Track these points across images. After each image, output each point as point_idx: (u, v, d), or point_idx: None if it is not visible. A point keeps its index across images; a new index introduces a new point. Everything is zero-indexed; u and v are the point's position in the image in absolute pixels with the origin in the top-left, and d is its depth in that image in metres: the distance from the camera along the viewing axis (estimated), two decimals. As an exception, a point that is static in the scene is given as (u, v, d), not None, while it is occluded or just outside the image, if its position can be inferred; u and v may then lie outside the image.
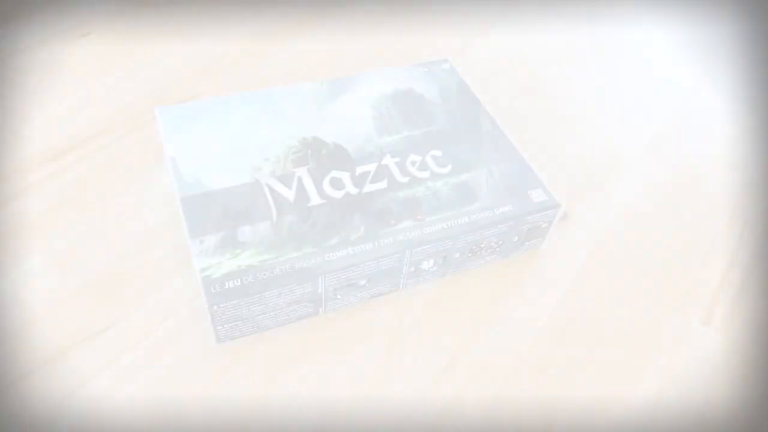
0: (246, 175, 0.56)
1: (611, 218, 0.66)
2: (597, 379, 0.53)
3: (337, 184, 0.56)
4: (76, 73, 0.74)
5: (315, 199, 0.55)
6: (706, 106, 0.81)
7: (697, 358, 0.56)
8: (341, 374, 0.51)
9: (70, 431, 0.46)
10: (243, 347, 0.52)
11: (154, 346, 0.51)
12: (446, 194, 0.56)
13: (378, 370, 0.52)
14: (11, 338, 0.51)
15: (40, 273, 0.55)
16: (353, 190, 0.56)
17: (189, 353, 0.51)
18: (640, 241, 0.64)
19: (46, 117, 0.68)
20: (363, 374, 0.52)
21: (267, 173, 0.56)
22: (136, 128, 0.69)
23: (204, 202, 0.54)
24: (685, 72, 0.86)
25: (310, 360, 0.52)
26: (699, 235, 0.66)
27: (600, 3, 0.97)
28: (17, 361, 0.49)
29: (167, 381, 0.50)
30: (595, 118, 0.78)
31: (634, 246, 0.64)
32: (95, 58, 0.76)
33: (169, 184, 0.63)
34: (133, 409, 0.48)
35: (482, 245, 0.57)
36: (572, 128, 0.76)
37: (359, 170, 0.57)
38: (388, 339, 0.54)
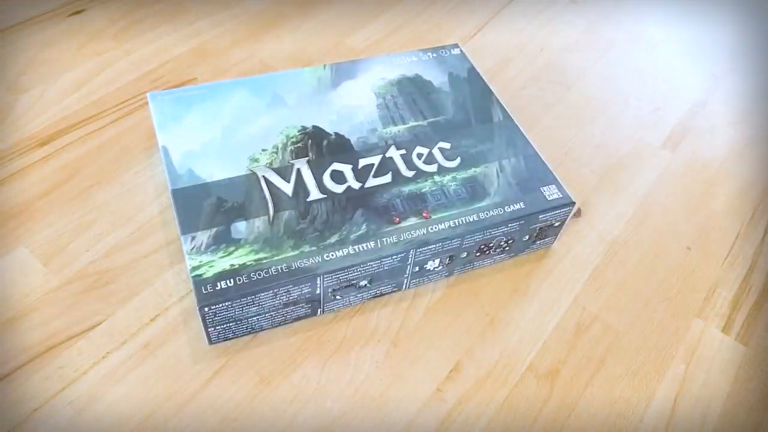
0: (242, 166, 0.53)
1: (626, 216, 0.63)
2: (610, 386, 0.51)
3: (338, 177, 0.53)
4: (67, 53, 0.70)
5: (314, 194, 0.51)
6: (728, 102, 0.77)
7: (715, 367, 0.53)
8: (340, 379, 0.49)
9: (52, 437, 0.44)
10: (236, 349, 0.50)
11: (143, 347, 0.49)
12: (454, 190, 0.53)
13: (379, 375, 0.49)
14: (-8, 336, 0.48)
15: (25, 266, 0.52)
16: (355, 185, 0.52)
17: (179, 355, 0.49)
18: (656, 241, 0.61)
19: (34, 100, 0.65)
20: (363, 379, 0.49)
21: (264, 165, 0.53)
22: (129, 113, 0.65)
23: (196, 195, 0.50)
24: (706, 67, 0.82)
25: (307, 364, 0.49)
26: (719, 236, 0.62)
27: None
28: (-2, 361, 0.47)
29: (155, 384, 0.47)
30: (611, 109, 0.74)
31: (650, 246, 0.61)
32: (87, 37, 0.73)
33: (162, 172, 0.60)
34: (119, 413, 0.45)
35: (491, 244, 0.54)
36: (587, 120, 0.72)
37: (362, 163, 0.54)
38: (390, 342, 0.51)
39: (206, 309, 0.45)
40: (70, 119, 0.64)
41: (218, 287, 0.45)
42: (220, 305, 0.45)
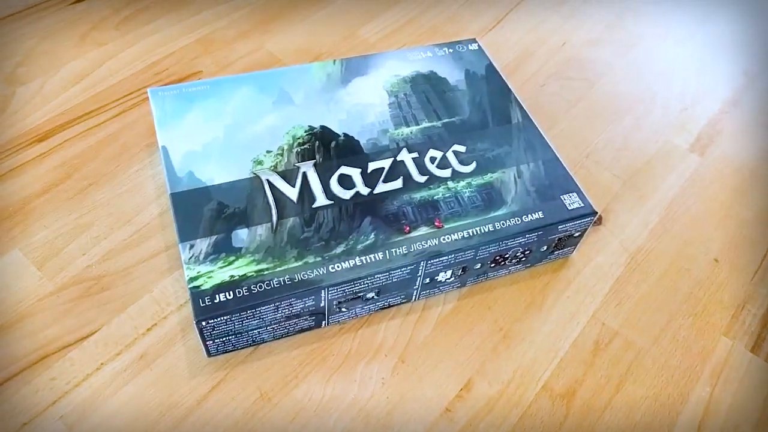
0: (245, 169, 0.50)
1: (650, 224, 0.59)
2: (630, 409, 0.48)
3: (346, 182, 0.50)
4: (68, 44, 0.68)
5: (321, 200, 0.49)
6: (762, 102, 0.73)
7: (744, 389, 0.49)
8: (344, 396, 0.46)
9: (41, 454, 0.42)
10: (236, 362, 0.47)
11: (139, 359, 0.47)
12: (469, 197, 0.50)
13: (385, 392, 0.47)
14: (-17, 344, 0.46)
15: (19, 269, 0.50)
16: (364, 190, 0.50)
17: (176, 367, 0.46)
18: (682, 252, 0.58)
19: (32, 93, 0.63)
20: (368, 396, 0.46)
21: (268, 168, 0.50)
22: (131, 107, 0.63)
23: (196, 199, 0.48)
24: (738, 65, 0.78)
25: (311, 379, 0.47)
26: (749, 248, 0.59)
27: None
28: (-11, 370, 0.45)
29: (151, 398, 0.45)
30: (636, 109, 0.70)
31: (675, 257, 0.57)
32: (89, 27, 0.70)
33: (162, 171, 0.58)
34: (113, 428, 0.43)
35: (507, 255, 0.51)
36: (610, 120, 0.68)
37: (372, 167, 0.51)
38: (398, 357, 0.49)
39: (204, 323, 0.42)
40: (69, 114, 0.61)
41: (217, 300, 0.43)
42: (219, 319, 0.43)
